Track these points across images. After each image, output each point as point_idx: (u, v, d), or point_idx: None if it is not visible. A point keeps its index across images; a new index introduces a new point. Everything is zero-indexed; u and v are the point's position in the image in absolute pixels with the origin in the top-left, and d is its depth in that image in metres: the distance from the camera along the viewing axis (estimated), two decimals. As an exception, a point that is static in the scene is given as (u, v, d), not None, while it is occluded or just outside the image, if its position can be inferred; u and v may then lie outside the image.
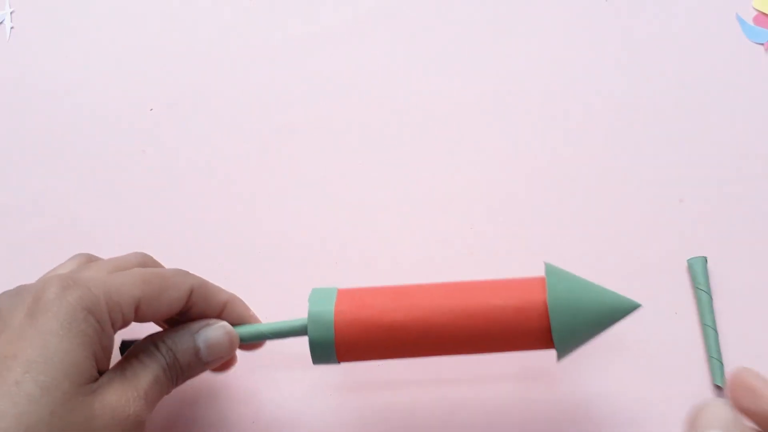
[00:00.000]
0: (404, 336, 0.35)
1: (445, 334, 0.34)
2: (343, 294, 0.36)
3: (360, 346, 0.35)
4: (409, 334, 0.34)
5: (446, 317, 0.34)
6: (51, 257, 0.46)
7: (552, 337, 0.34)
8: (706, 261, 0.43)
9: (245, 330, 0.38)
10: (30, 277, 0.46)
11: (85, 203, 0.48)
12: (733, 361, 0.40)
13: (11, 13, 0.55)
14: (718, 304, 0.42)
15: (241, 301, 0.37)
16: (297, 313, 0.37)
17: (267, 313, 0.44)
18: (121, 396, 0.29)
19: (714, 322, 0.41)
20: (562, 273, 0.35)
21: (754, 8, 0.50)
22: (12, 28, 0.54)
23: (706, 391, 0.40)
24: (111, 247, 0.46)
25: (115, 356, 0.34)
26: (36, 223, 0.48)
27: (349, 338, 0.35)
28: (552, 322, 0.34)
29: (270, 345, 0.39)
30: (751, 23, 0.50)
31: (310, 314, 0.35)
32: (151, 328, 0.38)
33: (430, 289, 0.36)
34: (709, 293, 0.42)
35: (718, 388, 0.40)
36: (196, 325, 0.34)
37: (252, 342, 0.38)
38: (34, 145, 0.50)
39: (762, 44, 0.49)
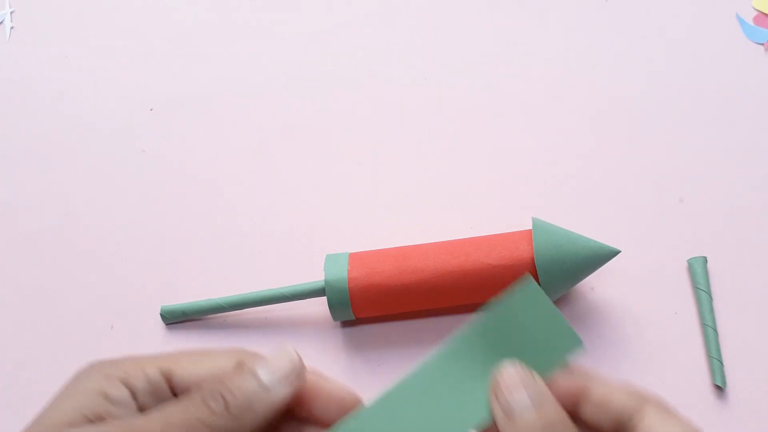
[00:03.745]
0: (410, 295, 0.40)
1: (446, 291, 0.40)
2: (354, 259, 0.40)
3: (373, 305, 0.40)
4: (415, 294, 0.40)
5: (446, 277, 0.40)
6: (51, 257, 0.46)
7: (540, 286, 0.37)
8: (706, 261, 0.43)
9: (260, 295, 0.42)
10: (30, 277, 0.46)
11: (85, 203, 0.48)
12: (733, 361, 0.40)
13: (11, 13, 0.55)
14: (718, 304, 0.42)
15: (313, 373, 0.32)
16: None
17: (267, 313, 0.44)
18: None
19: (714, 322, 0.41)
20: (548, 227, 0.39)
21: (754, 8, 0.50)
22: (12, 28, 0.54)
23: (706, 390, 0.40)
24: (111, 247, 0.46)
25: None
26: (36, 223, 0.48)
27: (363, 300, 0.40)
28: (539, 276, 0.39)
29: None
30: (751, 23, 0.50)
31: (327, 282, 0.40)
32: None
33: (430, 250, 0.40)
34: (709, 293, 0.42)
35: (718, 388, 0.40)
36: (252, 363, 0.30)
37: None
38: (34, 145, 0.50)
39: (762, 44, 0.49)
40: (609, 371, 0.41)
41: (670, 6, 0.51)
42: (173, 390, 0.30)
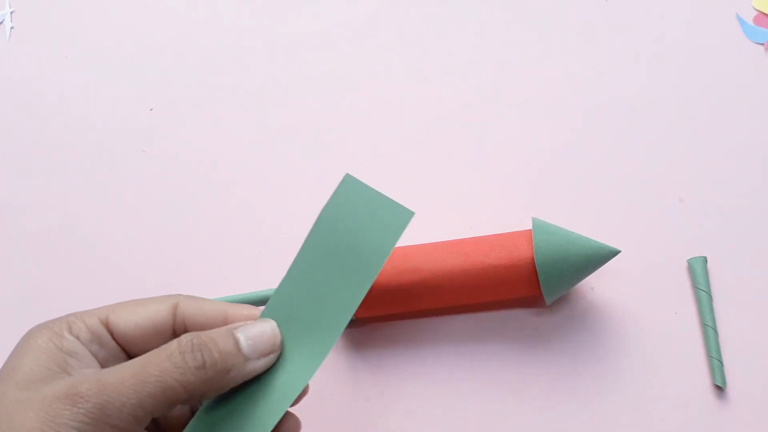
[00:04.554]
0: (411, 295, 0.40)
1: (446, 291, 0.40)
2: None
3: (373, 305, 0.40)
4: (415, 294, 0.40)
5: (446, 277, 0.39)
6: (51, 257, 0.47)
7: (540, 287, 0.39)
8: (706, 261, 0.43)
9: (260, 295, 0.42)
10: (30, 277, 0.46)
11: (85, 203, 0.48)
12: (733, 361, 0.40)
13: (11, 13, 0.55)
14: (718, 304, 0.42)
15: (246, 306, 0.34)
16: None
17: (267, 313, 0.44)
18: (64, 386, 0.27)
19: (714, 322, 0.41)
20: (548, 227, 0.39)
21: (754, 8, 0.50)
22: (12, 28, 0.54)
23: (706, 390, 0.40)
24: (110, 247, 0.46)
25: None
26: (36, 223, 0.48)
27: (363, 300, 0.39)
28: (539, 276, 0.39)
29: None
30: (751, 23, 0.50)
31: None
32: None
33: (430, 250, 0.40)
34: (709, 293, 0.42)
35: (718, 388, 0.40)
36: (233, 324, 0.31)
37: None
38: (34, 145, 0.50)
39: (762, 44, 0.49)
40: (609, 371, 0.41)
41: (669, 6, 0.51)
42: (114, 337, 0.31)
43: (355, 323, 0.43)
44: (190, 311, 0.32)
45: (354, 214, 0.32)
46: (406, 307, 0.41)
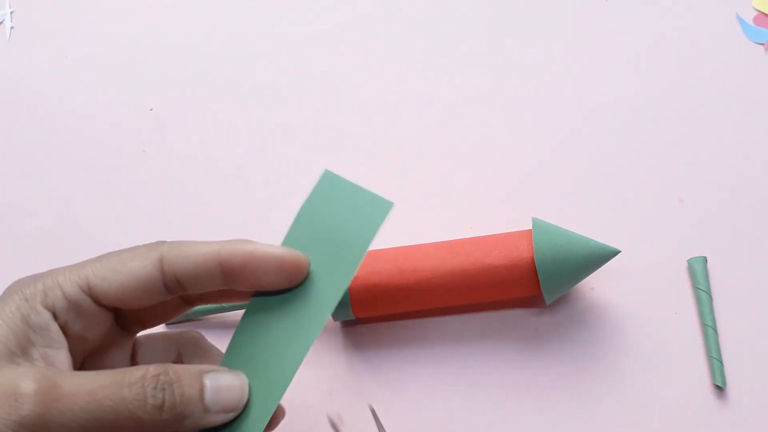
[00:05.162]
0: (410, 295, 0.40)
1: (446, 291, 0.40)
2: None
3: (373, 305, 0.40)
4: (415, 294, 0.40)
5: (446, 277, 0.39)
6: (51, 257, 0.46)
7: (540, 287, 0.39)
8: (706, 261, 0.43)
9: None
10: (30, 277, 0.46)
11: (85, 203, 0.48)
12: (733, 361, 0.40)
13: (11, 13, 0.55)
14: (718, 304, 0.42)
15: (241, 241, 0.31)
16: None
17: (267, 313, 0.44)
18: (13, 379, 0.26)
19: (714, 322, 0.41)
20: (548, 227, 0.39)
21: (754, 8, 0.50)
22: (12, 28, 0.54)
23: (706, 390, 0.40)
24: (110, 247, 0.46)
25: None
26: (36, 223, 0.48)
27: (363, 300, 0.40)
28: (539, 276, 0.39)
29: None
30: (751, 23, 0.50)
31: None
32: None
33: (430, 250, 0.40)
34: (709, 293, 0.42)
35: (718, 388, 0.40)
36: (206, 367, 0.29)
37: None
38: (34, 145, 0.50)
39: (762, 44, 0.49)
40: (609, 371, 0.41)
41: (669, 6, 0.51)
42: (99, 302, 0.29)
43: (355, 323, 0.43)
44: (179, 263, 0.29)
45: (334, 208, 0.32)
46: (406, 307, 0.41)
